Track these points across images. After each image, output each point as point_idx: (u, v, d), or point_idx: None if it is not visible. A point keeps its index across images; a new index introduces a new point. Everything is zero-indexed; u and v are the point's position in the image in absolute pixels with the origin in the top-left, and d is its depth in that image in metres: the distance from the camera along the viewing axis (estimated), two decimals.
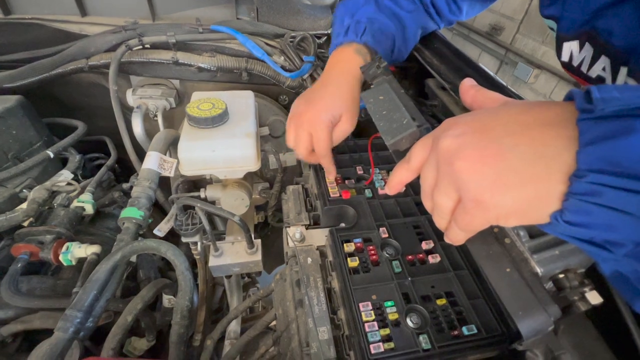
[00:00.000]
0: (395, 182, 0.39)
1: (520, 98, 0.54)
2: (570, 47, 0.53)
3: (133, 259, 0.72)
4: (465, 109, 0.63)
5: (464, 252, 0.52)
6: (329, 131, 0.53)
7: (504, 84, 0.53)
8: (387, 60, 0.62)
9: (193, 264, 0.82)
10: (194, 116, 0.59)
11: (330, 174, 0.59)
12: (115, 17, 0.86)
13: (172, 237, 0.70)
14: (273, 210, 0.91)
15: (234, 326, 0.80)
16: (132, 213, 0.58)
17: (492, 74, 0.54)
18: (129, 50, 0.77)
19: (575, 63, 0.54)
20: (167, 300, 0.75)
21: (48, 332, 0.53)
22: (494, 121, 0.29)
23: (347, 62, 0.57)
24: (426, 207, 0.37)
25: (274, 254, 1.26)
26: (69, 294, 0.62)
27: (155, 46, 0.81)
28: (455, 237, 0.34)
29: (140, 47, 0.78)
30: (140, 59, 0.80)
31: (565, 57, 0.55)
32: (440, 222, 0.35)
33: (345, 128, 0.55)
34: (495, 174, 0.27)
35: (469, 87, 0.36)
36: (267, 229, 1.23)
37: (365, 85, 0.55)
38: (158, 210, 0.98)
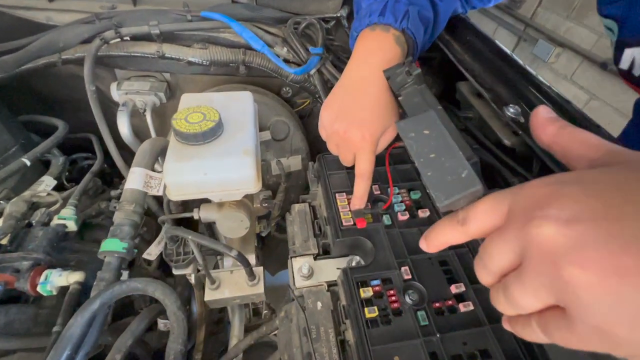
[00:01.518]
0: (440, 242, 0.30)
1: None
2: (633, 54, 0.44)
3: None
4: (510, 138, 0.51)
5: None
6: (374, 153, 0.48)
7: (577, 108, 0.42)
8: (416, 50, 0.53)
9: None
10: (181, 132, 0.49)
11: (357, 204, 0.51)
12: (89, 1, 0.73)
13: None
14: (277, 220, 0.84)
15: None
16: (114, 246, 0.50)
17: (557, 90, 0.42)
18: (105, 44, 0.65)
19: (637, 73, 0.45)
20: (162, 324, 0.69)
21: None
22: (625, 198, 0.19)
23: (384, 53, 0.48)
24: (480, 279, 0.28)
25: (277, 256, 1.20)
26: (50, 328, 0.55)
27: (136, 37, 0.69)
28: (530, 337, 0.25)
29: (119, 39, 0.67)
30: (121, 52, 0.69)
31: (624, 65, 0.46)
32: (506, 309, 0.25)
33: (389, 138, 0.50)
34: (638, 299, 0.18)
35: (546, 120, 0.26)
36: (269, 230, 1.16)
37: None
38: (151, 217, 0.90)
